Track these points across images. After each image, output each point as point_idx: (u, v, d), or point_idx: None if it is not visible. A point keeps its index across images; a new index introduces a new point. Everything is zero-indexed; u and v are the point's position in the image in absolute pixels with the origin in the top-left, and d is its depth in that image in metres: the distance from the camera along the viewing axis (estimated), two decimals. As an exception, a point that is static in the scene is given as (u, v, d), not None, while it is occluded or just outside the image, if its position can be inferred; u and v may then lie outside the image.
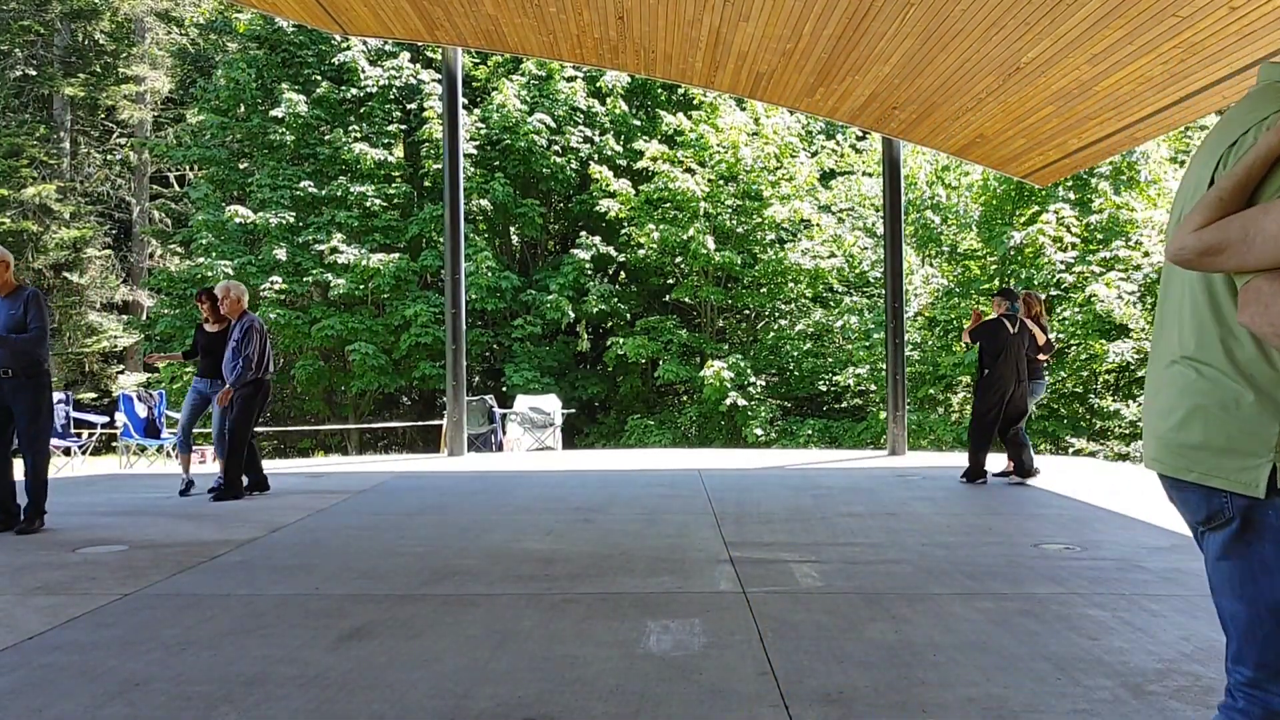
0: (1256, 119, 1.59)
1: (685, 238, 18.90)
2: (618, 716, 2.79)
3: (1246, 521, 1.60)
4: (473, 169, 20.17)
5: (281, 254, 19.65)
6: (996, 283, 18.01)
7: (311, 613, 3.94)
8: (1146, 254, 16.35)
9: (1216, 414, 1.62)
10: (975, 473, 8.07)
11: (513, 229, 22.17)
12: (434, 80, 20.25)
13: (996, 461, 8.49)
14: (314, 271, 19.61)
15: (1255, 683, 1.63)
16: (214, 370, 7.62)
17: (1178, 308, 1.73)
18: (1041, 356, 8.39)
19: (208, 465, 12.73)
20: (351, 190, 20.04)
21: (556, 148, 20.62)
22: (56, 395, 12.08)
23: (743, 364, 18.50)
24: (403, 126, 21.52)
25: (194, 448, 10.43)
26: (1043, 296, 9.19)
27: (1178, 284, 1.72)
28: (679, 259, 19.84)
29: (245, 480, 7.63)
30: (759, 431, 18.01)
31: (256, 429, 8.06)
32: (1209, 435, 1.63)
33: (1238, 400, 1.60)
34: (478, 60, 22.25)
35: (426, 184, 21.21)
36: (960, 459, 10.06)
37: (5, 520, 6.07)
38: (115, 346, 25.49)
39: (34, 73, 25.49)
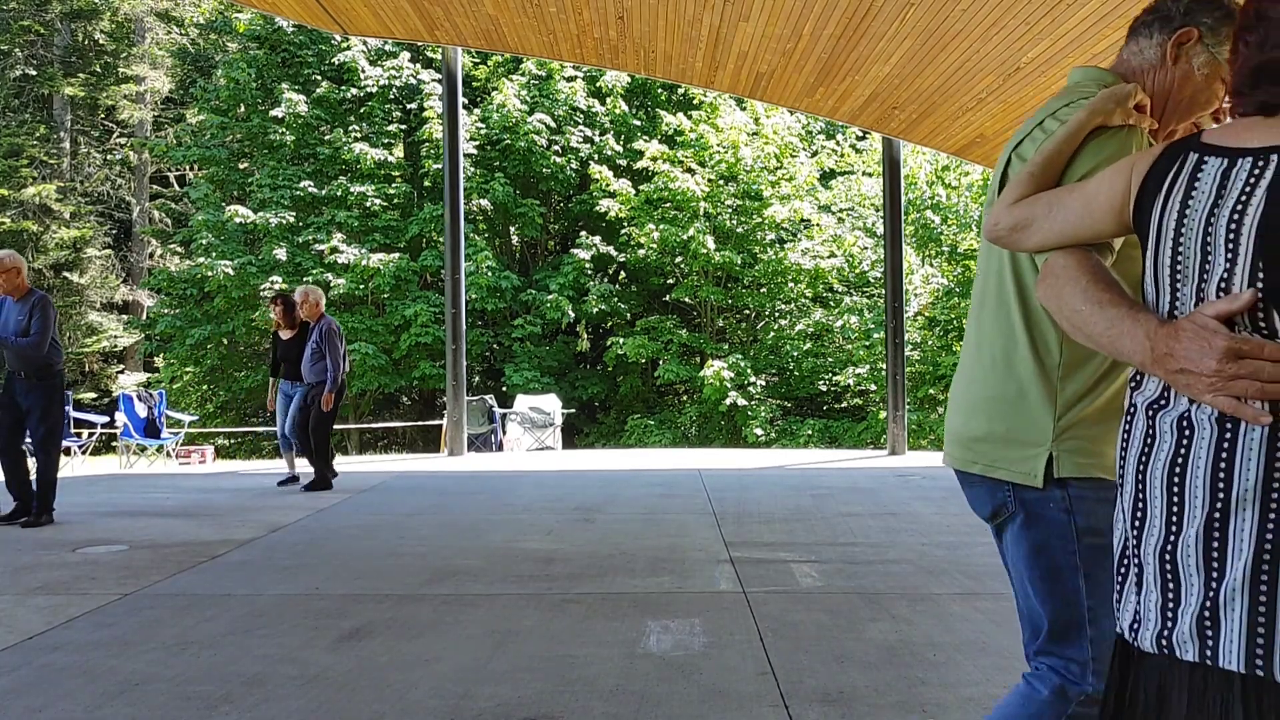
0: (1051, 110, 1.64)
1: (685, 238, 18.90)
2: (618, 716, 2.79)
3: (1029, 515, 1.62)
4: (473, 169, 20.17)
5: (281, 254, 19.65)
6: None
7: (312, 612, 3.94)
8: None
9: (1000, 405, 1.63)
10: None
11: (513, 229, 22.17)
12: (434, 80, 20.24)
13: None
14: (314, 271, 19.60)
15: (1080, 673, 1.63)
16: (296, 374, 8.05)
17: (981, 297, 1.74)
18: None
19: (208, 465, 12.73)
20: (351, 190, 20.03)
21: (556, 148, 20.61)
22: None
23: (743, 364, 18.50)
24: (403, 126, 21.52)
25: (196, 448, 10.51)
26: None
27: (989, 273, 1.72)
28: (679, 259, 19.84)
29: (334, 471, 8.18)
30: (759, 431, 18.01)
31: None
32: (993, 426, 1.64)
33: (1021, 390, 1.61)
34: (478, 60, 22.24)
35: (426, 184, 21.21)
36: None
37: (24, 509, 6.29)
38: (115, 346, 25.50)
39: (34, 73, 25.49)
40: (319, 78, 21.33)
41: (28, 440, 6.44)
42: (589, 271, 20.36)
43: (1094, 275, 1.39)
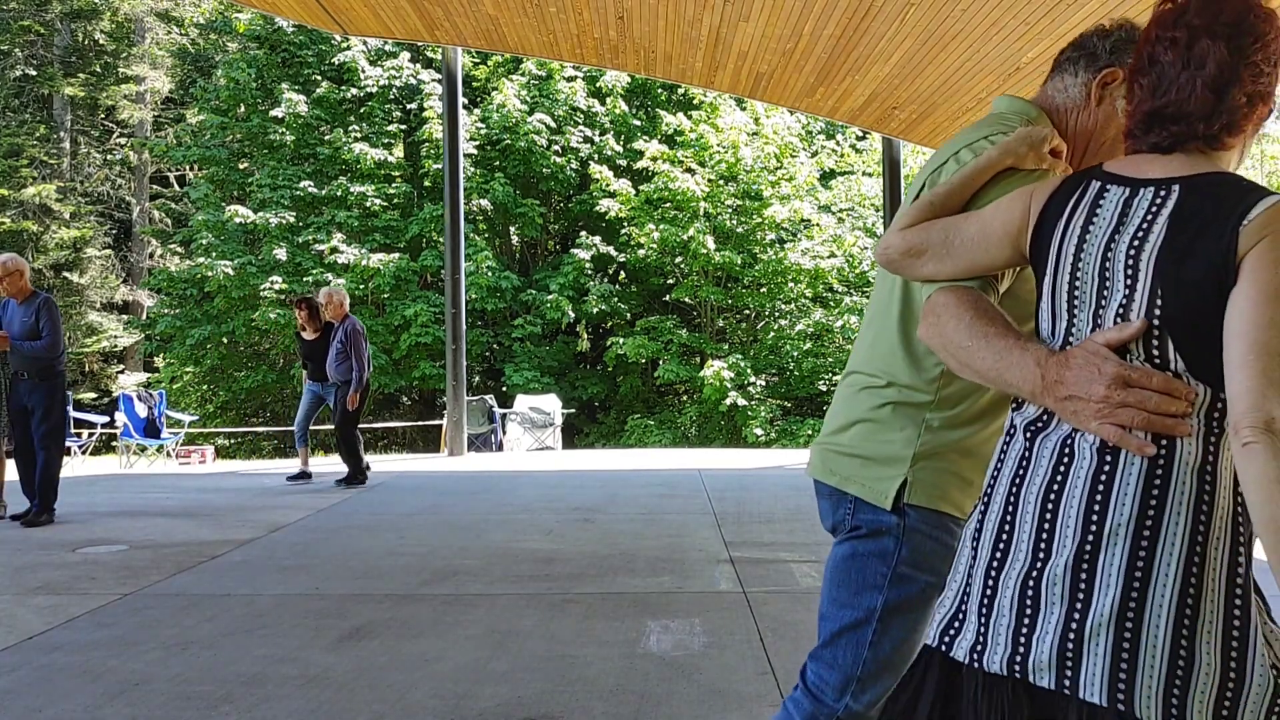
0: (968, 141, 1.60)
1: (685, 238, 18.89)
2: (618, 716, 2.79)
3: (860, 529, 1.62)
4: (473, 169, 20.17)
5: (281, 254, 19.65)
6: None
7: (312, 612, 3.94)
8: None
9: (868, 425, 1.62)
10: None
11: (513, 229, 22.17)
12: (434, 80, 20.25)
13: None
14: (314, 271, 19.60)
15: (841, 687, 1.63)
16: (320, 373, 8.15)
17: (870, 317, 1.73)
18: None
19: (207, 465, 12.73)
20: (351, 190, 20.04)
21: (556, 148, 20.61)
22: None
23: (743, 364, 18.50)
24: (403, 126, 21.52)
25: (196, 448, 10.50)
26: None
27: (880, 292, 1.71)
28: (679, 259, 19.84)
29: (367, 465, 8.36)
30: (759, 431, 18.01)
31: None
32: (856, 443, 1.63)
33: (890, 413, 1.60)
34: (478, 60, 22.24)
35: (426, 184, 21.21)
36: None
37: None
38: (115, 346, 25.50)
39: (34, 73, 25.50)
40: (319, 78, 21.34)
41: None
42: (589, 271, 20.36)
43: (978, 310, 1.36)
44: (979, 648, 1.27)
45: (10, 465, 6.43)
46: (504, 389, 19.40)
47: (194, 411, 20.22)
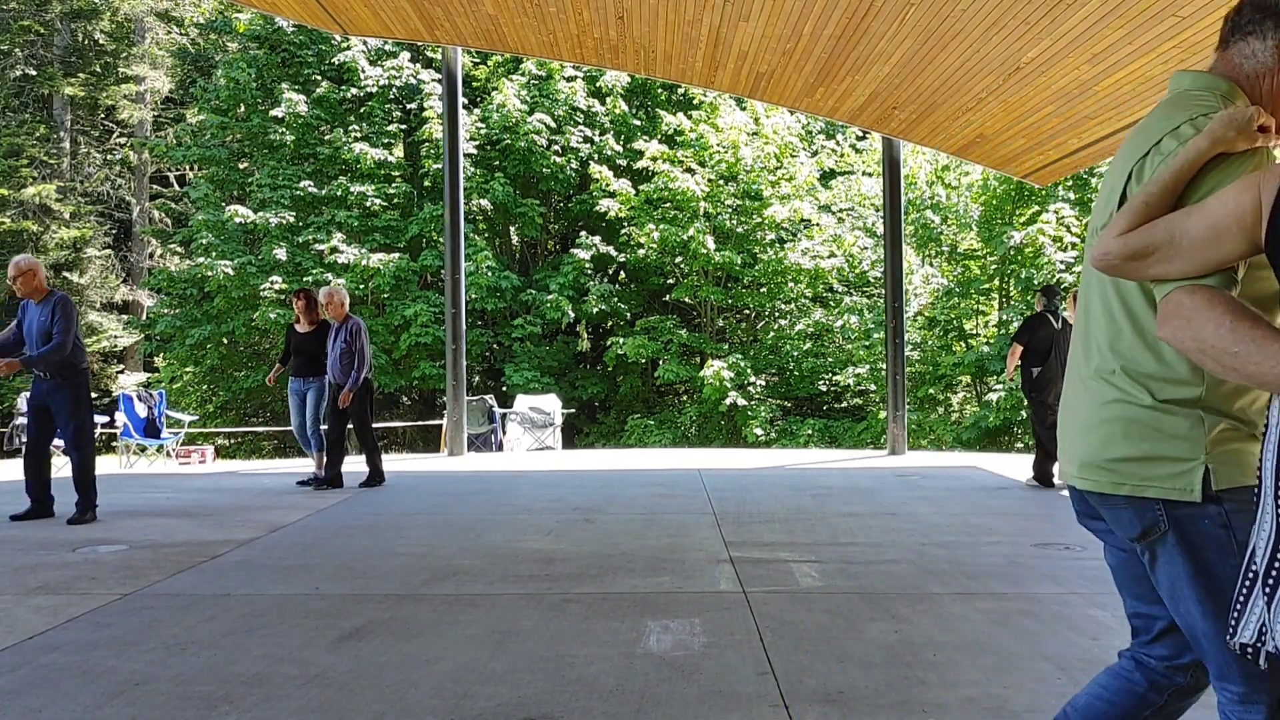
0: (1169, 127, 1.58)
1: (685, 238, 18.89)
2: (618, 716, 2.79)
3: (1182, 533, 1.57)
4: (473, 169, 20.17)
5: (281, 254, 19.65)
6: (996, 283, 18.02)
7: (312, 612, 3.94)
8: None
9: (1139, 425, 1.60)
10: (1047, 479, 7.61)
11: (513, 229, 22.17)
12: (434, 80, 20.25)
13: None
14: (314, 271, 19.60)
15: (1247, 697, 1.56)
16: (306, 369, 8.07)
17: (1089, 320, 1.74)
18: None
19: (207, 465, 12.72)
20: (351, 190, 20.04)
21: (556, 147, 20.61)
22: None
23: (743, 364, 18.50)
24: (403, 126, 21.52)
25: (196, 447, 10.49)
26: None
27: (1094, 296, 1.72)
28: (679, 259, 19.84)
29: (333, 473, 8.11)
30: (759, 431, 18.01)
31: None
32: (1135, 447, 1.60)
33: (1161, 409, 1.57)
34: (478, 60, 22.24)
35: (426, 184, 21.21)
36: (961, 459, 10.06)
37: (39, 511, 6.37)
38: (115, 346, 25.50)
39: (34, 72, 25.49)
40: (319, 78, 21.34)
41: (55, 442, 6.51)
42: (589, 271, 20.36)
43: (1237, 313, 1.35)
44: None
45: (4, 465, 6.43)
46: (504, 389, 19.40)
47: (194, 411, 20.21)
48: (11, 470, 12.83)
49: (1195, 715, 2.76)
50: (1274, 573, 1.32)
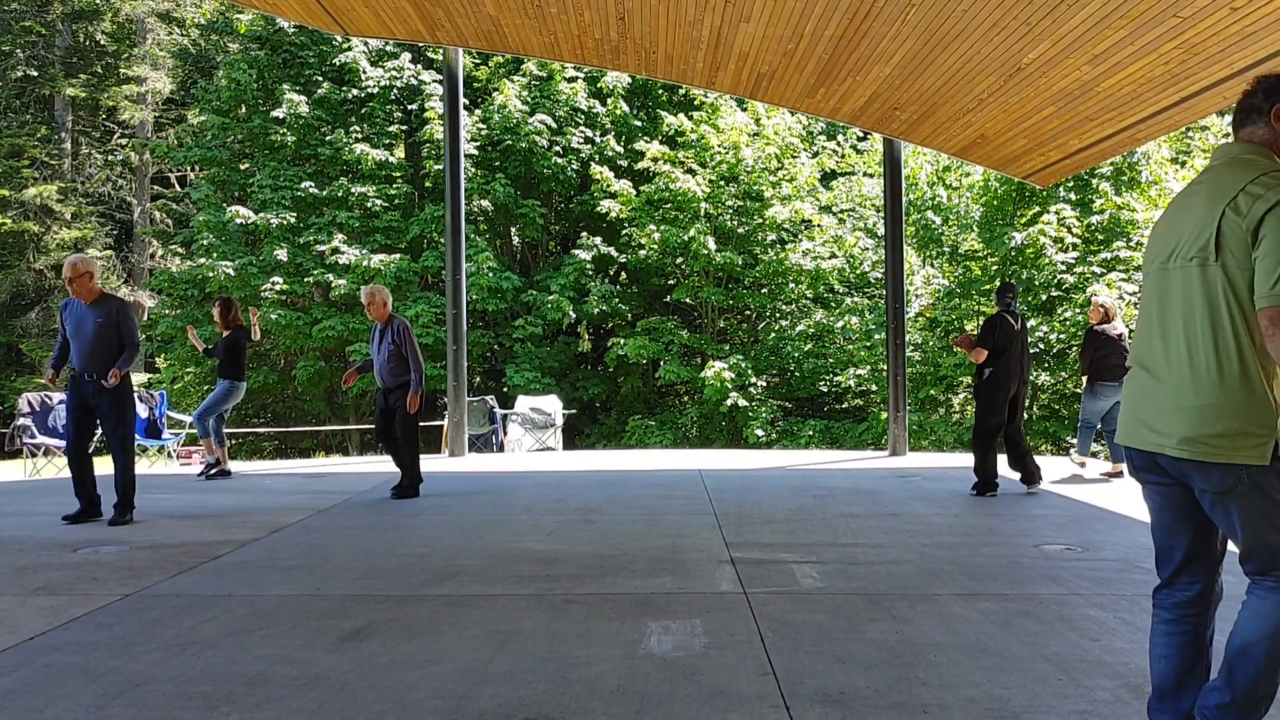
0: (1246, 179, 2.22)
1: (686, 238, 18.89)
2: (619, 717, 2.79)
3: (1256, 485, 2.22)
4: (474, 169, 20.17)
5: (282, 254, 19.66)
6: (997, 283, 17.99)
7: (312, 613, 3.94)
8: (1147, 255, 16.31)
9: (1232, 408, 2.21)
10: (987, 484, 7.32)
11: (514, 230, 22.17)
12: (435, 81, 20.26)
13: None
14: (315, 272, 19.61)
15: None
16: (228, 370, 8.00)
17: (1167, 322, 2.34)
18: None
19: (199, 465, 12.71)
20: (352, 191, 20.04)
21: (557, 148, 20.62)
22: (57, 395, 12.10)
23: (743, 364, 18.49)
24: (404, 127, 21.53)
25: (197, 448, 10.45)
26: (1106, 298, 9.05)
27: (1180, 296, 2.31)
28: (680, 260, 19.84)
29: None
30: (760, 432, 18.00)
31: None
32: (1230, 424, 2.21)
33: (1248, 394, 2.21)
34: (478, 61, 22.24)
35: (427, 185, 21.22)
36: (962, 460, 10.06)
37: (90, 511, 6.39)
38: (116, 347, 25.46)
39: (35, 73, 25.51)
40: (320, 78, 21.35)
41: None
42: (590, 272, 20.36)
43: None
44: None
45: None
46: (505, 389, 19.41)
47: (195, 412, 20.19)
48: (10, 471, 12.83)
49: (1200, 715, 2.75)
50: None
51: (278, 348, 21.94)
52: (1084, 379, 8.51)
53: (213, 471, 9.17)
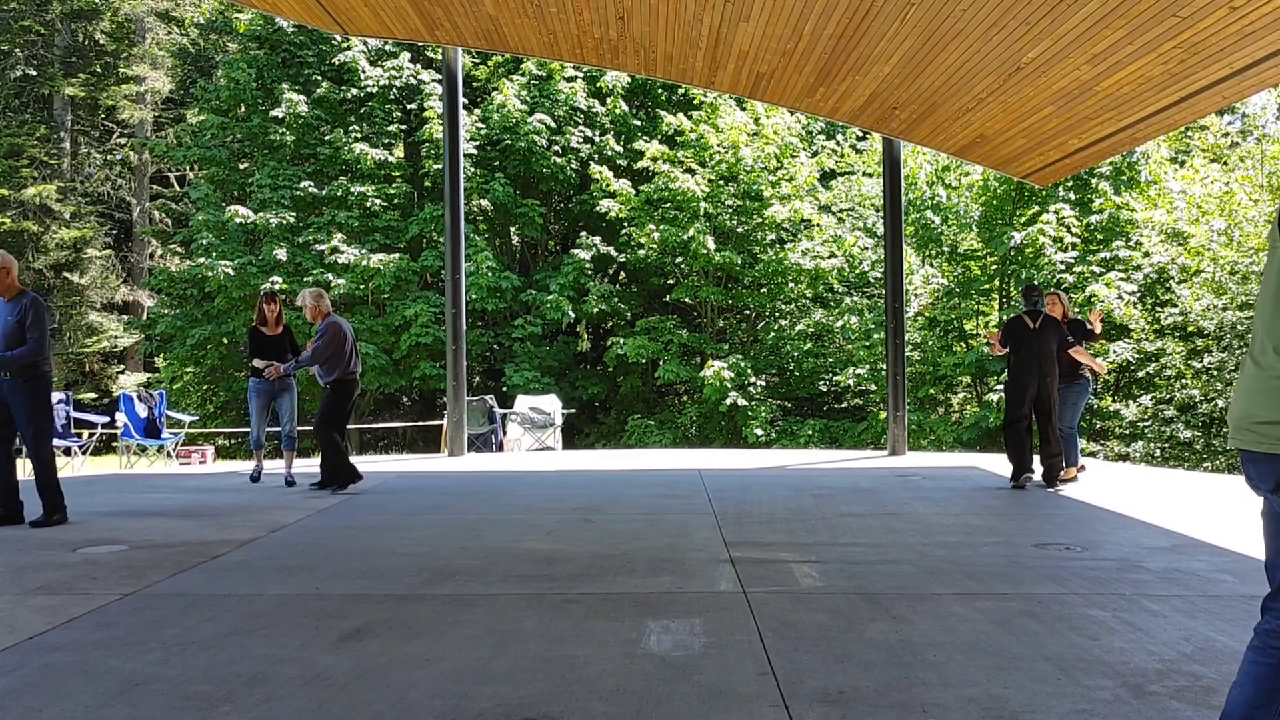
0: None
1: (685, 238, 18.89)
2: (618, 717, 2.79)
3: None
4: (473, 169, 20.17)
5: (282, 254, 19.65)
6: (997, 283, 18.02)
7: (312, 613, 3.94)
8: (1147, 254, 16.33)
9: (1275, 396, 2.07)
10: (1017, 473, 7.73)
11: (513, 229, 22.17)
12: (434, 80, 20.25)
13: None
14: (314, 271, 19.60)
15: None
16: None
17: (1260, 313, 2.18)
18: (1080, 351, 7.97)
19: (207, 465, 12.73)
20: (352, 190, 20.04)
21: (557, 148, 20.61)
22: (57, 395, 12.09)
23: (743, 364, 18.50)
24: (403, 126, 21.52)
25: (196, 448, 10.39)
26: (1061, 291, 8.98)
27: (1265, 295, 2.19)
28: (679, 259, 19.84)
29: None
30: (759, 432, 18.01)
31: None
32: (1274, 413, 2.05)
33: None
34: (478, 60, 22.24)
35: (427, 184, 21.21)
36: (961, 459, 10.07)
37: (7, 517, 6.16)
38: (115, 346, 25.51)
39: (34, 73, 25.49)
40: (319, 78, 21.34)
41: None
42: (589, 272, 20.35)
43: None
44: None
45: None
46: (504, 389, 19.40)
47: (194, 412, 20.23)
48: (12, 470, 12.83)
49: (1198, 716, 2.76)
50: None
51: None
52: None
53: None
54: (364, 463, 11.54)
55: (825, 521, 6.14)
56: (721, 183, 19.52)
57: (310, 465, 8.77)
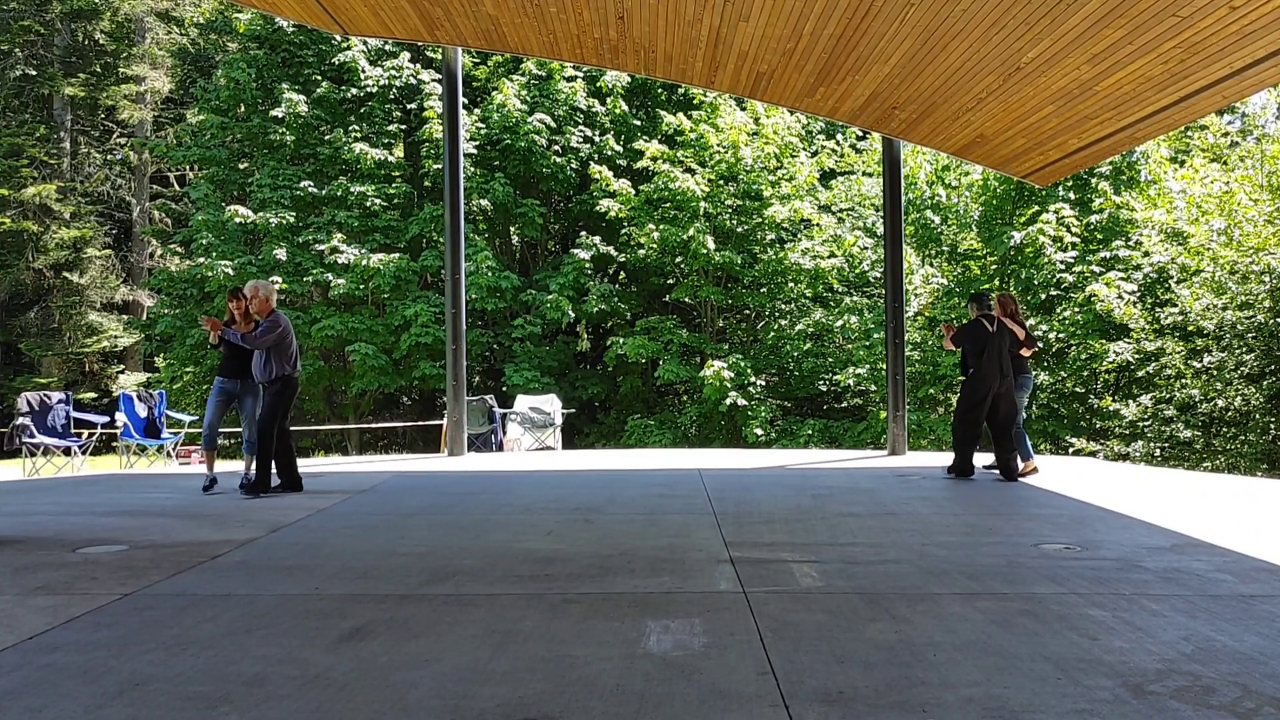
0: None
1: (685, 238, 18.90)
2: (618, 717, 2.79)
3: None
4: (473, 169, 20.17)
5: (282, 254, 19.66)
6: (997, 283, 18.02)
7: (312, 613, 3.94)
8: (1146, 254, 16.33)
9: None
10: (964, 468, 8.29)
11: (513, 229, 22.17)
12: (434, 80, 20.25)
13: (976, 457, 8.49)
14: (314, 271, 19.61)
15: None
16: (241, 370, 7.68)
17: None
18: (1025, 352, 8.59)
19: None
20: (352, 190, 20.04)
21: (556, 147, 20.62)
22: (57, 395, 12.09)
23: (743, 364, 18.50)
24: (403, 126, 21.52)
25: (196, 448, 10.27)
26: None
27: None
28: (679, 259, 19.84)
29: (276, 479, 7.74)
30: (759, 431, 18.01)
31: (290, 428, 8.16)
32: None
33: None
34: (478, 60, 22.24)
35: (426, 184, 21.22)
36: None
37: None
38: (115, 346, 25.50)
39: (34, 73, 25.49)
40: (319, 78, 21.34)
41: None
42: (589, 271, 20.36)
43: None
44: None
45: None
46: (504, 389, 19.41)
47: (194, 412, 20.18)
48: (9, 471, 12.82)
49: (1198, 716, 2.76)
50: None
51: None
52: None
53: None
54: (364, 462, 11.54)
55: (825, 521, 6.14)
56: (721, 182, 19.52)
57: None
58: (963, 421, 8.28)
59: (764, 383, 19.13)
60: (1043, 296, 17.14)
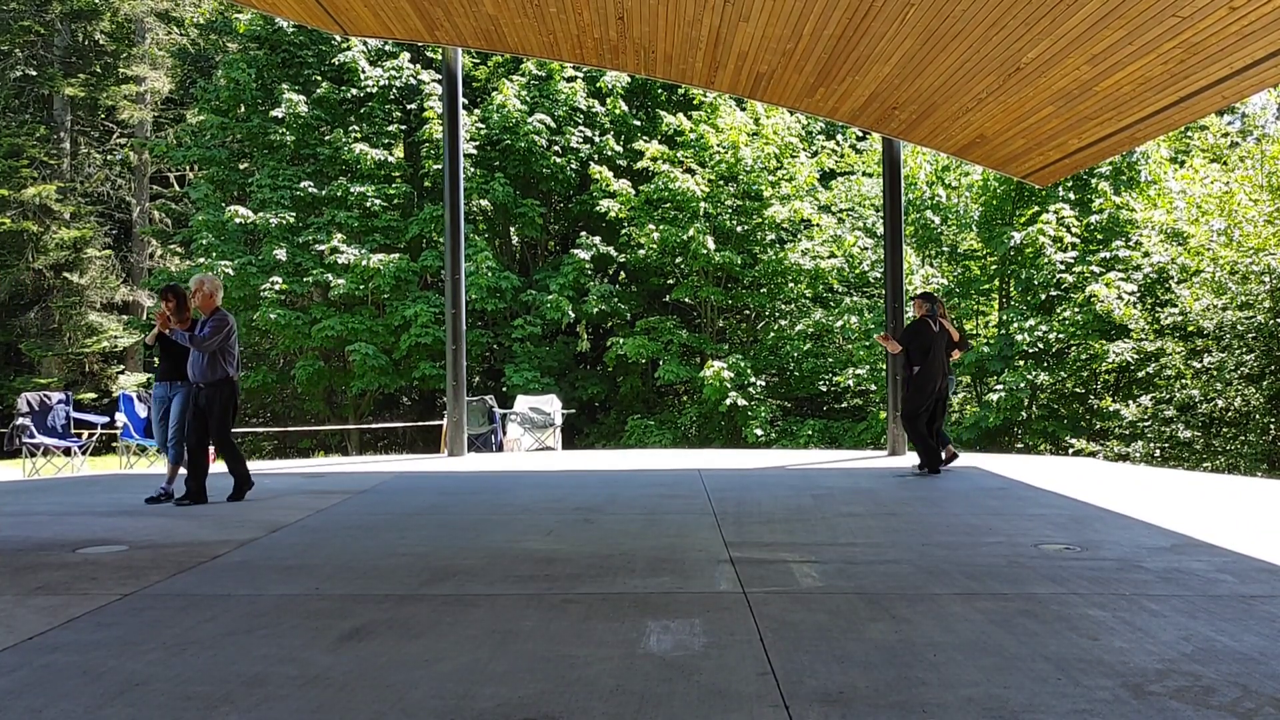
0: None
1: (685, 238, 18.90)
2: (618, 717, 2.79)
3: None
4: (473, 169, 20.17)
5: (282, 254, 19.66)
6: (996, 283, 18.02)
7: (312, 613, 3.94)
8: (1146, 254, 16.33)
9: None
10: (934, 461, 8.67)
11: (513, 229, 22.18)
12: (434, 80, 20.25)
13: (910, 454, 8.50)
14: (314, 272, 19.61)
15: None
16: (174, 373, 7.30)
17: None
18: (956, 354, 9.24)
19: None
20: (352, 190, 20.04)
21: (556, 148, 20.62)
22: (57, 395, 12.09)
23: (743, 364, 18.50)
24: (403, 126, 21.53)
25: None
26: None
27: None
28: (679, 259, 19.84)
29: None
30: (759, 431, 18.01)
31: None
32: None
33: None
34: (478, 60, 22.25)
35: (426, 184, 21.22)
36: (961, 459, 10.06)
37: None
38: (115, 347, 25.50)
39: (34, 73, 25.49)
40: (319, 78, 21.34)
41: None
42: (589, 272, 20.36)
43: None
44: None
45: None
46: (504, 389, 19.41)
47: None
48: (9, 471, 12.82)
49: (1198, 715, 2.76)
50: None
51: (277, 347, 21.93)
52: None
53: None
54: (364, 462, 11.55)
55: (825, 521, 6.14)
56: (721, 183, 19.52)
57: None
58: (912, 420, 8.71)
59: (764, 383, 19.13)
60: (1043, 297, 17.13)
